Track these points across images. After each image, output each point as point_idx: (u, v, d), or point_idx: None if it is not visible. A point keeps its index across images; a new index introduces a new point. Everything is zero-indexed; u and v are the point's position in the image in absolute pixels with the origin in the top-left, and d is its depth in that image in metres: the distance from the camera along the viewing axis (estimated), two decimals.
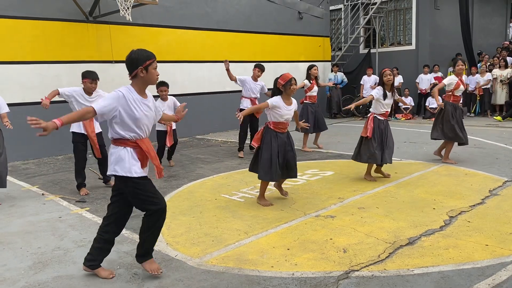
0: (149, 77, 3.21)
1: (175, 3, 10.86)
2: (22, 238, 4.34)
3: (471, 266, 3.37)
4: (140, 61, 3.16)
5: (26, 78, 8.72)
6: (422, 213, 4.63)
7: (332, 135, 10.50)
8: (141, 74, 3.18)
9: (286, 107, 4.99)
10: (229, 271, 3.43)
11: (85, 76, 5.75)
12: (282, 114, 4.98)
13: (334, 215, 4.68)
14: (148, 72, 3.19)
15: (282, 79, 4.99)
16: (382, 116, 6.11)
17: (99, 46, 9.66)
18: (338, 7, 16.69)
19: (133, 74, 3.19)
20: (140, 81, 3.22)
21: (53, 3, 8.89)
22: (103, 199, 5.65)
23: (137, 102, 3.19)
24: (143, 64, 3.16)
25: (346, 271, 3.35)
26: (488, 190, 5.41)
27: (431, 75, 13.80)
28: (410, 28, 15.04)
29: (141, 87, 3.25)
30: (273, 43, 13.29)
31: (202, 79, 11.59)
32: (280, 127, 5.06)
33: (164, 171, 7.11)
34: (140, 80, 3.21)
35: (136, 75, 3.19)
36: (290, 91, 4.98)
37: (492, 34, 17.33)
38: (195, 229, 4.43)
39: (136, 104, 3.18)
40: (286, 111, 4.99)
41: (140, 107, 3.20)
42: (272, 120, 5.06)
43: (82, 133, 5.91)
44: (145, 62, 3.16)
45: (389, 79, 5.94)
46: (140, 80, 3.21)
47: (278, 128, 5.05)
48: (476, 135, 9.64)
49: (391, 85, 6.05)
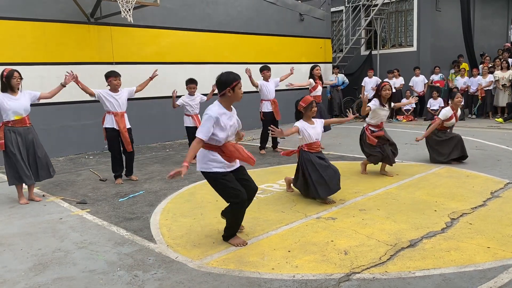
0: (235, 96, 3.80)
1: (177, 5, 10.86)
2: (23, 240, 4.33)
3: (472, 268, 3.36)
4: (228, 83, 3.74)
5: (27, 79, 8.67)
6: (424, 215, 4.62)
7: (334, 136, 10.49)
8: (228, 94, 3.77)
9: (312, 126, 5.22)
10: (229, 273, 3.42)
11: (109, 76, 6.33)
12: (310, 134, 5.18)
13: (335, 217, 4.66)
14: (235, 92, 3.77)
15: (303, 102, 5.19)
16: (376, 127, 6.35)
17: (100, 48, 9.66)
18: (339, 8, 16.69)
19: (222, 93, 3.78)
20: (228, 99, 3.80)
21: (54, 5, 8.90)
22: (104, 201, 5.64)
23: (224, 116, 3.77)
24: (230, 85, 3.73)
25: (347, 273, 3.34)
26: (489, 192, 5.39)
27: (423, 76, 13.81)
28: (411, 29, 15.03)
29: (228, 103, 3.84)
30: (274, 44, 13.29)
31: (203, 81, 11.53)
32: (314, 147, 5.24)
33: (166, 173, 7.14)
34: (228, 98, 3.80)
35: (225, 94, 3.77)
36: (311, 113, 5.20)
37: (494, 35, 17.32)
38: (196, 231, 4.42)
39: (224, 117, 3.76)
40: (313, 130, 5.21)
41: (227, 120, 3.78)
42: (304, 143, 5.25)
43: (114, 128, 6.35)
44: (232, 83, 3.74)
45: (388, 93, 6.18)
46: (227, 98, 3.80)
47: (312, 149, 5.24)
48: (478, 137, 9.62)
49: (389, 97, 6.26)
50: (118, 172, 6.64)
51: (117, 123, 6.33)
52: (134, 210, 5.20)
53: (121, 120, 6.35)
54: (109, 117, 6.36)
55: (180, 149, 9.76)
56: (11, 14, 8.47)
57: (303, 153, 5.28)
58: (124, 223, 4.74)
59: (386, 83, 6.28)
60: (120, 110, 6.37)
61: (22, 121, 5.54)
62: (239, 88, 3.79)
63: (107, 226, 4.65)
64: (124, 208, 5.31)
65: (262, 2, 12.84)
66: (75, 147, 9.35)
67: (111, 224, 4.72)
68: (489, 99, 13.28)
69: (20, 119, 5.52)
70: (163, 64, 10.73)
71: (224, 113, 3.79)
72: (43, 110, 5.72)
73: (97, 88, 6.43)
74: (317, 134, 5.25)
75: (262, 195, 5.59)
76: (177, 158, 8.51)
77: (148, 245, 4.07)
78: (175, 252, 3.88)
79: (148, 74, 6.92)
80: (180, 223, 4.66)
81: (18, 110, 5.48)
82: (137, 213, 5.10)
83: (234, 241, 4.00)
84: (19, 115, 5.51)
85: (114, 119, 6.33)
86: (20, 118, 5.52)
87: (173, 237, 4.25)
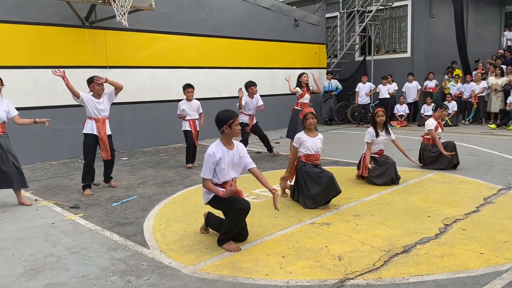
0: (233, 132, 4.03)
1: (172, 9, 10.87)
2: (14, 245, 4.29)
3: (466, 274, 3.37)
4: (225, 121, 3.97)
5: (21, 83, 8.68)
6: (417, 221, 4.63)
7: (328, 142, 10.50)
8: (226, 131, 4.00)
9: (311, 139, 5.33)
10: (223, 279, 3.40)
11: (91, 81, 6.09)
12: (309, 146, 5.29)
13: (329, 223, 4.66)
14: (232, 129, 4.00)
15: (300, 115, 5.43)
16: (376, 154, 6.34)
17: (94, 51, 9.64)
18: (334, 14, 16.76)
19: (220, 130, 4.02)
20: (226, 135, 4.04)
21: (49, 8, 8.86)
22: (97, 205, 5.61)
23: (223, 154, 3.99)
24: (227, 123, 3.96)
25: (341, 279, 3.34)
26: (482, 198, 5.42)
27: (416, 82, 13.91)
28: (405, 36, 15.12)
29: (227, 140, 4.07)
30: (269, 49, 13.32)
31: (198, 85, 11.54)
32: (312, 159, 5.33)
33: (159, 178, 7.12)
34: (226, 135, 4.03)
35: (223, 131, 4.01)
36: (307, 124, 5.35)
37: (487, 42, 17.47)
38: (190, 236, 4.40)
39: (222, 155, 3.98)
40: (311, 142, 5.30)
41: (225, 157, 4.00)
42: (303, 154, 5.33)
43: (94, 134, 6.15)
44: (228, 121, 3.96)
45: (382, 120, 6.25)
46: (226, 134, 4.03)
47: (310, 160, 5.33)
48: (471, 143, 9.67)
49: (384, 123, 6.29)
50: (88, 182, 6.27)
51: (98, 129, 6.14)
52: (128, 215, 5.17)
53: (102, 127, 6.16)
54: (90, 123, 6.16)
55: (174, 153, 9.73)
56: (6, 18, 8.44)
57: (300, 163, 5.37)
58: (117, 228, 4.71)
59: (378, 109, 6.34)
60: (102, 116, 6.19)
61: None
62: (236, 124, 4.00)
63: (100, 231, 4.61)
64: (117, 213, 5.28)
65: (257, 7, 12.88)
66: (68, 151, 9.29)
67: (104, 229, 4.68)
68: (482, 105, 13.37)
69: None
70: (157, 68, 10.73)
71: (223, 150, 4.01)
72: (36, 114, 5.72)
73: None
74: (316, 147, 5.32)
75: (256, 200, 5.58)
76: (171, 162, 8.49)
77: (142, 250, 4.05)
78: (168, 258, 3.86)
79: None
80: (173, 228, 4.64)
81: None
82: (130, 218, 5.07)
83: (228, 246, 3.99)
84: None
85: (95, 125, 6.13)
86: None
87: (166, 243, 4.23)
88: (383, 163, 6.19)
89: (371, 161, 6.14)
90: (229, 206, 3.95)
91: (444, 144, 7.02)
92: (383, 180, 6.13)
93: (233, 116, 4.00)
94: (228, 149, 4.05)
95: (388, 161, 6.21)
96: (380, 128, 6.30)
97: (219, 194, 3.92)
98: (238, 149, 4.14)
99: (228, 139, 4.08)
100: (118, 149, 10.06)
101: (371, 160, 6.18)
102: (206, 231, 4.46)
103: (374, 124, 6.31)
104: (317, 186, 5.16)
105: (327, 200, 5.25)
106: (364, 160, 6.28)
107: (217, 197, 4.00)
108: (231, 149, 4.08)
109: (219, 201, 4.03)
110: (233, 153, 4.08)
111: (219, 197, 3.98)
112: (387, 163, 6.18)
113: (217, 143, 4.06)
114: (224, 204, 4.00)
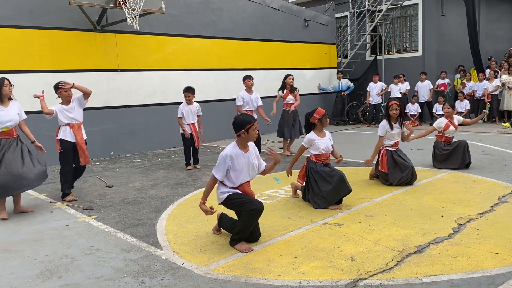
0: (250, 137, 4.06)
1: (182, 12, 10.93)
2: (30, 246, 4.35)
3: (480, 274, 3.33)
4: (243, 126, 4.00)
5: (34, 87, 8.75)
6: (431, 221, 4.59)
7: (339, 142, 10.46)
8: (243, 135, 4.02)
9: (321, 139, 5.31)
10: (236, 280, 3.41)
11: (58, 87, 5.95)
12: (321, 147, 5.28)
13: (341, 223, 4.65)
14: (249, 134, 4.03)
15: (317, 114, 5.30)
16: (393, 147, 6.23)
17: (106, 55, 9.73)
18: (344, 14, 16.71)
19: (237, 134, 4.05)
20: (243, 139, 4.07)
21: (61, 13, 8.97)
22: (110, 207, 5.66)
23: (239, 156, 4.03)
24: (244, 127, 3.99)
25: (354, 279, 3.33)
26: (497, 197, 5.36)
27: (428, 82, 13.78)
28: (416, 34, 15.01)
29: (243, 143, 4.10)
30: (279, 50, 13.32)
31: (208, 87, 11.63)
32: (322, 158, 5.32)
33: (171, 179, 7.16)
34: (243, 139, 4.06)
35: (240, 135, 4.03)
36: (326, 124, 5.36)
37: (500, 40, 17.26)
38: (202, 237, 4.42)
39: (238, 157, 4.02)
40: (323, 143, 5.31)
41: (241, 160, 4.04)
42: (313, 153, 5.34)
43: (69, 140, 5.95)
44: (246, 126, 4.00)
45: (395, 113, 6.12)
46: (242, 138, 4.06)
47: (320, 160, 5.32)
48: (485, 142, 9.57)
49: (398, 115, 6.16)
50: (69, 189, 6.13)
51: (74, 135, 5.94)
52: (140, 217, 5.21)
53: (78, 132, 5.97)
54: (64, 129, 5.96)
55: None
56: (19, 23, 8.56)
57: (310, 163, 5.35)
58: (130, 229, 4.75)
59: (393, 102, 6.16)
60: (76, 122, 5.99)
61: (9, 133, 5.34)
62: (253, 129, 4.04)
63: (114, 233, 4.66)
64: (130, 214, 5.32)
65: (266, 8, 12.89)
66: None
67: (118, 230, 4.73)
68: (495, 103, 13.22)
69: (7, 131, 5.32)
70: (168, 71, 10.80)
71: (238, 153, 4.04)
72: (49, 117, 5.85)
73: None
74: (326, 146, 5.31)
75: (268, 201, 5.59)
76: (182, 164, 8.52)
77: (154, 251, 4.08)
78: (181, 258, 3.88)
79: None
80: (186, 229, 4.66)
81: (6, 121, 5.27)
82: (143, 219, 5.11)
83: (240, 247, 4.00)
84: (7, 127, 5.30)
85: (70, 131, 5.93)
86: (7, 130, 5.32)
87: (179, 243, 4.25)
88: (404, 167, 6.09)
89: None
90: (242, 207, 3.97)
91: (456, 143, 6.96)
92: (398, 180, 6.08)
93: (251, 121, 4.04)
94: (244, 151, 4.09)
95: (408, 165, 6.10)
96: (393, 120, 6.17)
97: (200, 201, 4.08)
98: (254, 152, 4.20)
99: (244, 143, 4.12)
100: (131, 151, 10.18)
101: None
102: (218, 232, 4.48)
103: (388, 117, 6.18)
104: (328, 185, 5.15)
105: (338, 199, 5.23)
106: (383, 156, 6.17)
107: (231, 197, 4.04)
108: (247, 152, 4.12)
109: (233, 202, 4.06)
110: (249, 155, 4.13)
111: (232, 198, 4.03)
112: (408, 167, 6.08)
113: (233, 145, 4.10)
114: (238, 205, 4.03)
